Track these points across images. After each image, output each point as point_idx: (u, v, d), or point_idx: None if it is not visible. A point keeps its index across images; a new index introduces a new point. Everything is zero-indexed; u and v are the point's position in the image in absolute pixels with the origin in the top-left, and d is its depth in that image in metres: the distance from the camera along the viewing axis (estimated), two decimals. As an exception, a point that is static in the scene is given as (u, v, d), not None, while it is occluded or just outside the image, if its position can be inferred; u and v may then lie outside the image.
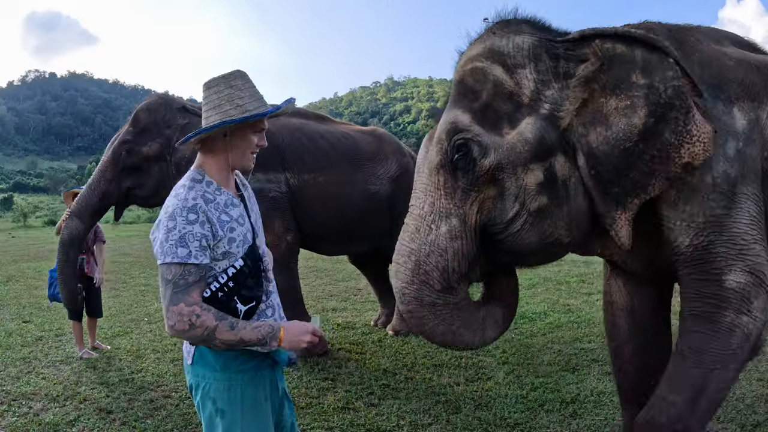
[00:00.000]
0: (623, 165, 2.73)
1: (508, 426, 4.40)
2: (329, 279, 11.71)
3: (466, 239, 2.84)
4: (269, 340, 2.24)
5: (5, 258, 18.18)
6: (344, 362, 6.06)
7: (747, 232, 2.82)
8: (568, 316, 7.84)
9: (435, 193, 2.90)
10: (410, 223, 2.96)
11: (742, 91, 2.93)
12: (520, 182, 2.78)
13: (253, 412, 2.37)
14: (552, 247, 2.94)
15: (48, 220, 45.50)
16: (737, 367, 2.85)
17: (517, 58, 2.83)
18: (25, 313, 9.08)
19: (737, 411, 4.56)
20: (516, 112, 2.82)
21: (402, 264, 2.91)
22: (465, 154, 2.81)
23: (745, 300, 2.79)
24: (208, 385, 2.35)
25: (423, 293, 2.84)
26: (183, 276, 2.18)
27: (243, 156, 2.41)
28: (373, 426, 4.46)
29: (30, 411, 4.91)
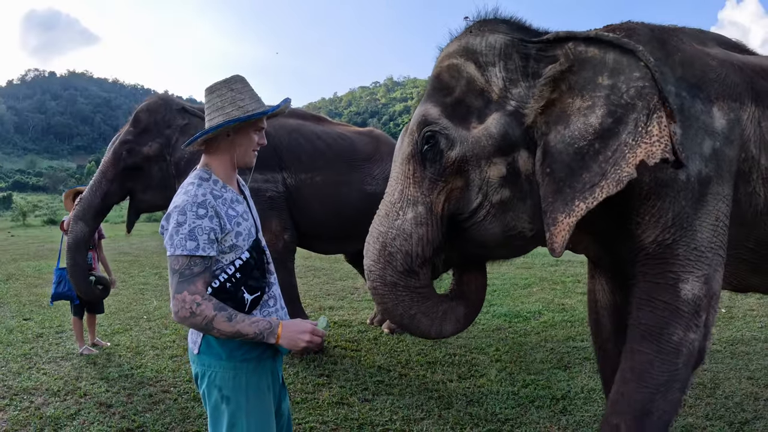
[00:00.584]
0: (575, 165, 2.69)
1: (498, 421, 4.49)
2: (326, 278, 11.78)
3: (431, 226, 2.93)
4: (267, 335, 2.37)
5: (5, 257, 18.24)
6: (339, 359, 6.14)
7: (709, 239, 2.85)
8: (563, 315, 7.93)
9: (404, 181, 3.00)
10: (381, 208, 3.08)
11: (723, 91, 2.95)
12: (484, 175, 2.85)
13: (256, 400, 2.51)
14: (516, 240, 2.98)
15: (47, 219, 45.42)
16: (682, 386, 2.89)
17: (489, 57, 2.88)
18: (26, 310, 9.15)
19: (726, 409, 4.65)
20: (485, 108, 2.88)
21: (371, 244, 3.03)
22: (433, 145, 2.90)
23: (696, 314, 2.83)
24: (214, 374, 2.48)
25: (386, 272, 2.96)
26: (189, 267, 2.34)
27: (246, 154, 2.57)
28: (366, 420, 4.54)
29: (31, 405, 4.99)
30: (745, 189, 3.00)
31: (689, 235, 2.82)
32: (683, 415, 4.54)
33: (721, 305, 8.09)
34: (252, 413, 2.49)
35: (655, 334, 2.85)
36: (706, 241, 2.84)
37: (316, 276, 11.97)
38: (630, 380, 2.90)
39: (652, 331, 2.86)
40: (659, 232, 2.85)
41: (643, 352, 2.88)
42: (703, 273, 2.84)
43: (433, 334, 3.12)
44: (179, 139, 6.09)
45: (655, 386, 2.82)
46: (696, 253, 2.82)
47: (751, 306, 8.20)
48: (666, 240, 2.84)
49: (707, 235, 2.84)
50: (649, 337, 2.87)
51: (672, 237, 2.83)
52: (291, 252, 6.45)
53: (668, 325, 2.82)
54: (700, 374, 5.42)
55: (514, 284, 10.39)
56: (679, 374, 2.83)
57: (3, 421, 4.66)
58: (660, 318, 2.85)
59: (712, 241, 2.85)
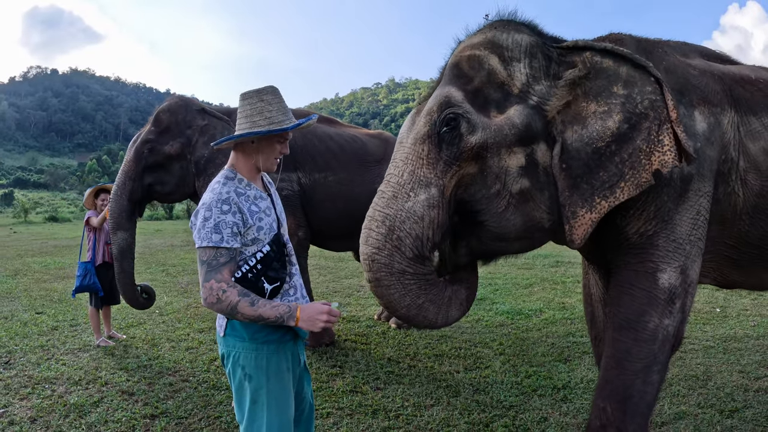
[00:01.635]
0: (593, 163, 2.89)
1: (503, 408, 4.70)
2: (332, 276, 11.97)
3: (442, 209, 2.91)
4: (287, 318, 2.56)
5: (9, 253, 18.34)
6: (350, 351, 6.34)
7: (688, 232, 3.05)
8: (563, 313, 8.12)
9: (417, 161, 2.96)
10: (386, 191, 2.99)
11: (704, 97, 3.16)
12: (503, 163, 2.91)
13: (276, 378, 2.70)
14: (535, 231, 3.02)
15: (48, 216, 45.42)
16: (660, 368, 3.05)
17: (515, 53, 3.00)
18: (37, 304, 9.32)
19: (717, 398, 4.87)
20: (505, 100, 2.97)
21: (374, 229, 2.92)
22: (453, 128, 2.90)
23: (671, 301, 3.02)
24: (238, 354, 2.68)
25: (394, 260, 2.86)
26: (216, 257, 2.56)
27: (267, 160, 2.78)
28: (379, 407, 4.74)
29: (54, 393, 5.15)
30: (725, 189, 3.20)
31: (669, 228, 3.03)
32: (676, 403, 4.76)
33: (716, 305, 8.32)
34: (272, 391, 2.68)
35: (632, 322, 3.04)
36: (685, 233, 3.04)
37: (322, 274, 12.15)
38: (612, 367, 3.09)
39: (630, 320, 3.05)
40: (641, 223, 3.06)
41: (621, 340, 3.06)
42: (680, 263, 3.04)
43: (440, 322, 3.05)
44: (199, 139, 6.27)
45: (634, 372, 3.00)
46: (674, 244, 3.03)
47: (745, 306, 8.41)
48: (647, 231, 3.05)
49: (686, 228, 3.04)
50: (627, 326, 3.05)
51: (653, 228, 3.04)
52: (304, 249, 6.66)
53: (645, 312, 3.02)
54: (694, 367, 5.65)
55: (516, 284, 10.59)
56: (656, 359, 3.01)
57: (27, 409, 4.81)
58: (638, 306, 3.04)
59: (691, 233, 3.05)
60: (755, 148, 3.22)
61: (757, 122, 3.25)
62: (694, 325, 7.32)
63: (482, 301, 9.01)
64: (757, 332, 6.98)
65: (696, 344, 6.46)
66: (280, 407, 2.70)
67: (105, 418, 4.61)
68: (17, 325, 7.77)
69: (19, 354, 6.39)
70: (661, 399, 4.81)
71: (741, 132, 3.22)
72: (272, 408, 2.68)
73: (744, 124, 3.24)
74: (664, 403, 4.75)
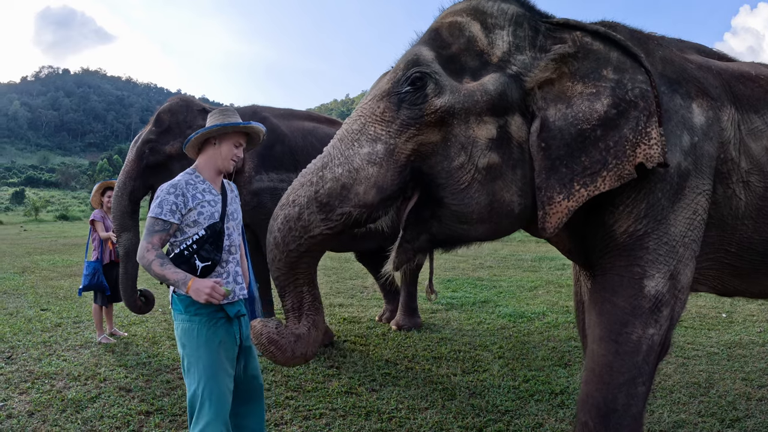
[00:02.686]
0: (575, 145, 2.72)
1: (498, 413, 4.66)
2: (336, 277, 12.00)
3: (385, 169, 2.70)
4: (180, 284, 2.98)
5: (18, 250, 18.50)
6: (349, 352, 6.34)
7: (682, 233, 2.85)
8: (566, 317, 8.08)
9: (370, 117, 2.81)
10: (337, 133, 2.91)
11: (702, 90, 2.98)
12: (470, 132, 2.71)
13: (206, 347, 3.10)
14: (502, 216, 2.80)
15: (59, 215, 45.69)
16: (646, 379, 2.87)
17: (499, 20, 2.84)
18: (42, 301, 9.41)
19: (718, 407, 4.79)
20: (481, 68, 2.80)
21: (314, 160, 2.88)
22: (418, 88, 2.72)
23: (656, 309, 2.83)
24: (177, 325, 3.19)
25: (300, 192, 2.80)
26: (153, 225, 3.12)
27: (225, 160, 3.32)
28: (373, 408, 4.72)
29: (53, 388, 5.20)
30: (725, 191, 3.00)
31: (662, 228, 2.83)
32: (676, 411, 4.70)
33: (722, 310, 8.26)
34: (202, 359, 3.08)
35: (614, 333, 2.86)
36: (679, 235, 2.85)
37: (326, 275, 12.16)
38: (592, 381, 2.92)
39: (611, 331, 2.87)
40: (631, 222, 2.85)
41: (602, 353, 2.89)
42: (670, 269, 2.85)
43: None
44: None
45: (616, 385, 2.83)
46: (666, 247, 2.84)
47: (752, 311, 8.35)
48: (637, 231, 2.85)
49: (681, 228, 2.85)
50: (608, 338, 2.88)
51: (644, 228, 2.84)
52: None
53: (627, 323, 2.83)
54: (696, 374, 5.58)
55: (521, 286, 10.57)
56: (641, 370, 2.84)
57: (26, 403, 4.85)
58: (620, 316, 2.86)
59: (685, 235, 2.86)
60: (758, 148, 3.04)
61: (759, 120, 3.08)
62: (699, 330, 7.28)
63: (485, 304, 9.02)
64: (763, 339, 6.93)
65: (700, 350, 6.40)
66: (209, 375, 3.06)
67: (101, 413, 4.63)
68: (21, 321, 7.85)
69: (22, 349, 6.45)
70: (661, 407, 4.77)
71: (742, 131, 3.04)
72: (203, 376, 3.06)
73: (745, 122, 3.06)
74: (664, 410, 4.70)
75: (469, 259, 14.97)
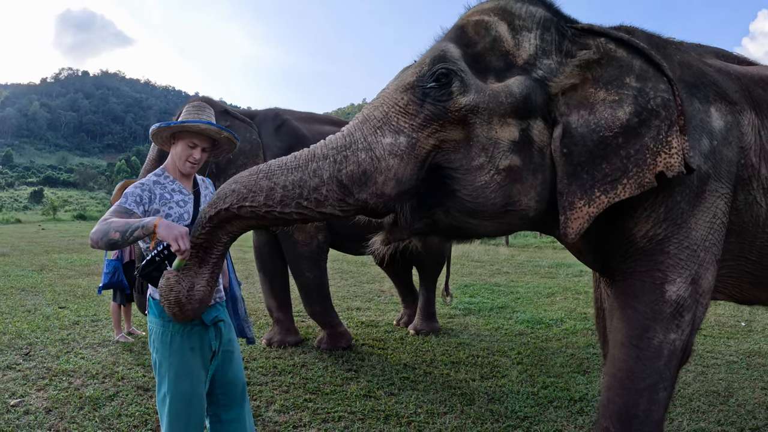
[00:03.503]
0: (597, 152, 2.71)
1: (518, 418, 4.62)
2: (354, 281, 11.97)
3: (406, 162, 2.67)
4: (146, 223, 2.67)
5: (37, 249, 18.64)
6: (367, 356, 6.31)
7: (703, 237, 2.83)
8: (584, 324, 8.02)
9: (393, 107, 2.75)
10: (359, 116, 2.84)
11: (721, 94, 2.96)
12: (493, 133, 2.69)
13: (178, 355, 3.02)
14: (515, 217, 2.80)
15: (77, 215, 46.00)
16: (667, 384, 2.84)
17: (527, 22, 2.83)
18: (60, 299, 9.46)
19: (738, 416, 4.74)
20: (506, 70, 2.79)
21: (339, 135, 2.80)
22: (443, 84, 2.70)
23: (678, 314, 2.81)
24: (152, 328, 3.10)
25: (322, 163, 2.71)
26: (115, 210, 2.92)
27: (180, 160, 3.14)
28: (392, 412, 4.70)
29: (70, 386, 5.21)
30: (746, 198, 2.98)
31: (682, 232, 2.81)
32: (696, 419, 4.65)
33: (740, 318, 8.17)
34: (173, 365, 3.01)
35: (635, 338, 2.85)
36: (700, 239, 2.83)
37: (343, 278, 12.17)
38: (614, 387, 2.91)
39: (633, 336, 2.86)
40: (651, 226, 2.84)
41: (623, 359, 2.88)
42: (692, 273, 2.83)
43: None
44: None
45: (638, 391, 2.82)
46: (687, 251, 2.82)
47: (772, 320, 8.25)
48: (657, 235, 2.84)
49: (702, 232, 2.83)
50: (629, 343, 2.86)
51: (664, 232, 2.83)
52: (324, 252, 6.65)
53: (648, 328, 2.82)
54: (715, 383, 5.53)
55: (538, 293, 10.51)
56: (662, 376, 2.82)
57: (44, 400, 4.87)
58: (641, 321, 2.84)
59: (706, 239, 2.84)
60: None
61: None
62: (718, 339, 7.21)
63: (503, 310, 8.97)
64: (783, 349, 6.83)
65: (719, 359, 6.33)
66: (179, 380, 3.01)
67: (119, 411, 4.63)
68: (39, 319, 7.90)
69: (40, 346, 6.48)
70: (680, 415, 4.72)
71: (762, 137, 2.99)
72: (172, 380, 3.01)
73: (765, 128, 3.02)
74: (683, 419, 4.65)
75: (485, 264, 14.93)
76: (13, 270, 13.12)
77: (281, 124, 6.59)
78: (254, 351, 6.36)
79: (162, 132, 3.14)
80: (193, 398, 3.02)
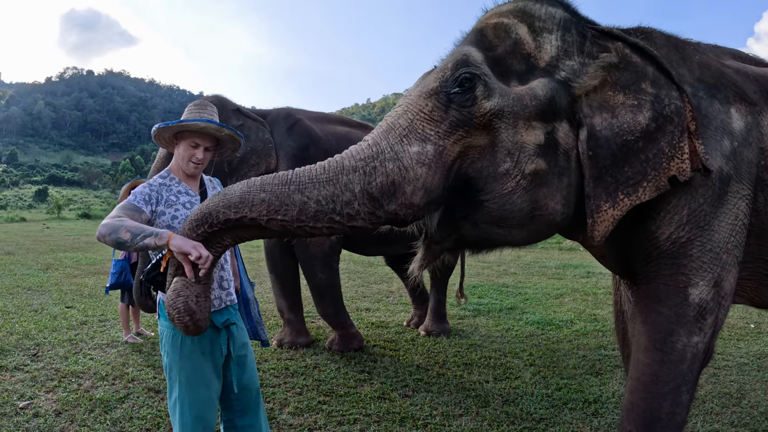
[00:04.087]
0: (620, 156, 2.71)
1: (533, 420, 4.60)
2: (362, 281, 11.94)
3: (434, 171, 2.60)
4: (160, 233, 2.59)
5: (42, 247, 18.65)
6: (379, 357, 6.28)
7: (726, 239, 2.82)
8: (594, 325, 7.98)
9: (418, 114, 2.68)
10: (383, 124, 2.75)
11: (740, 95, 2.94)
12: (518, 138, 2.64)
13: (189, 359, 2.98)
14: (542, 223, 2.75)
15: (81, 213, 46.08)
16: (690, 387, 2.85)
17: (547, 23, 2.80)
18: (67, 299, 9.44)
19: (750, 417, 4.73)
20: (528, 73, 2.75)
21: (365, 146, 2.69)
22: (467, 89, 2.64)
23: (701, 317, 2.80)
24: (162, 333, 3.05)
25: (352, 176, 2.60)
26: (124, 207, 2.86)
27: (183, 161, 3.10)
28: (407, 414, 4.66)
29: (80, 387, 5.18)
30: (766, 199, 2.96)
31: (706, 235, 2.80)
32: (709, 421, 4.63)
33: (750, 320, 8.14)
34: (184, 369, 2.98)
35: (659, 342, 2.84)
36: (723, 241, 2.82)
37: (351, 279, 12.13)
38: (638, 390, 2.91)
39: (656, 340, 2.85)
40: (674, 229, 2.82)
41: (647, 362, 2.88)
42: (714, 276, 2.81)
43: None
44: None
45: (661, 394, 2.82)
46: (710, 254, 2.80)
47: (781, 322, 8.21)
48: (680, 238, 2.82)
49: (724, 235, 2.82)
50: (653, 346, 2.86)
51: (687, 235, 2.81)
52: (336, 253, 6.62)
53: (672, 332, 2.81)
54: (727, 384, 5.50)
55: (547, 294, 10.46)
56: (685, 378, 2.82)
57: (53, 402, 4.83)
58: (665, 325, 2.84)
59: (728, 241, 2.83)
60: None
61: None
62: (728, 341, 7.16)
63: (512, 311, 8.93)
64: (794, 351, 6.78)
65: (730, 361, 6.30)
66: (191, 385, 2.98)
67: (130, 414, 4.60)
68: (47, 319, 7.86)
69: (48, 347, 6.44)
70: (694, 416, 4.70)
71: None
72: (183, 385, 2.98)
73: None
74: (697, 420, 4.63)
75: (493, 265, 14.88)
76: (19, 269, 13.11)
77: (294, 124, 6.55)
78: (266, 352, 6.33)
79: (163, 133, 3.08)
80: (205, 404, 2.99)
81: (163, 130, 3.05)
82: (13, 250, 17.79)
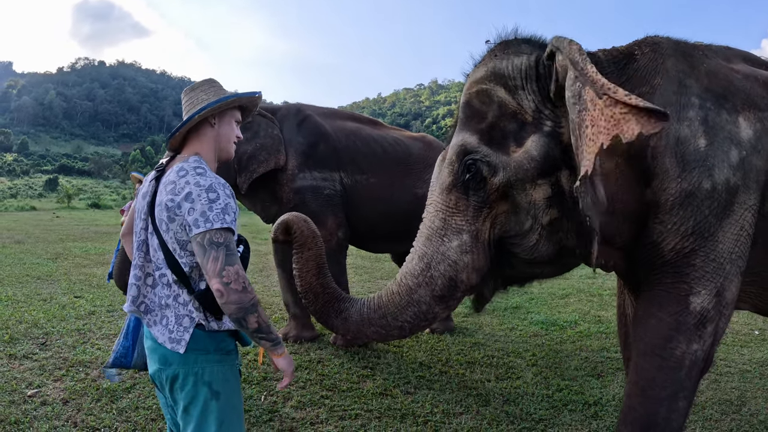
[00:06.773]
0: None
1: (533, 420, 4.64)
2: (368, 276, 11.97)
3: (477, 254, 2.91)
4: (278, 344, 2.40)
5: (51, 237, 18.68)
6: (382, 353, 6.32)
7: (730, 250, 2.81)
8: (598, 327, 7.97)
9: (447, 211, 2.97)
10: (423, 230, 3.06)
11: (749, 102, 2.90)
12: (530, 197, 2.83)
13: (238, 394, 2.52)
14: (566, 257, 3.02)
15: (91, 203, 46.12)
16: (687, 394, 2.87)
17: (517, 80, 2.87)
18: (76, 288, 9.51)
19: (750, 425, 4.72)
20: (521, 130, 2.86)
21: (414, 262, 3.02)
22: (475, 173, 2.88)
23: (701, 325, 2.81)
24: (202, 370, 2.40)
25: (420, 291, 2.96)
26: (231, 241, 2.31)
27: (229, 143, 2.64)
28: (408, 411, 4.71)
29: (87, 377, 5.24)
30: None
31: (709, 246, 2.79)
32: (708, 428, 4.64)
33: (754, 327, 8.10)
34: (237, 407, 2.50)
35: (658, 348, 2.87)
36: (726, 252, 2.81)
37: (358, 274, 12.13)
38: (635, 394, 2.94)
39: (656, 345, 2.88)
40: (678, 240, 2.83)
41: (645, 367, 2.91)
42: (717, 285, 2.81)
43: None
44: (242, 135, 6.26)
45: (658, 399, 2.84)
46: (714, 264, 2.80)
47: (786, 329, 8.17)
48: (684, 249, 2.82)
49: (728, 245, 2.81)
50: (651, 352, 2.89)
51: (690, 246, 2.81)
52: (344, 249, 6.68)
53: (672, 339, 2.83)
54: (728, 391, 5.50)
55: (552, 294, 10.47)
56: (683, 385, 2.84)
57: (61, 390, 4.90)
58: (664, 331, 2.85)
59: (732, 251, 2.82)
60: None
61: None
62: (731, 347, 7.13)
63: (517, 310, 8.95)
64: (797, 358, 6.76)
65: (732, 367, 6.27)
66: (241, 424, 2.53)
67: (136, 404, 4.66)
68: (55, 308, 7.93)
69: (56, 336, 6.51)
70: (693, 423, 4.71)
71: None
72: (236, 426, 2.48)
73: None
74: (696, 426, 4.64)
75: (498, 264, 14.83)
76: (29, 258, 13.16)
77: (303, 120, 6.60)
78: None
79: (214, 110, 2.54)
80: None
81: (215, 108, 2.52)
82: (22, 239, 17.83)
